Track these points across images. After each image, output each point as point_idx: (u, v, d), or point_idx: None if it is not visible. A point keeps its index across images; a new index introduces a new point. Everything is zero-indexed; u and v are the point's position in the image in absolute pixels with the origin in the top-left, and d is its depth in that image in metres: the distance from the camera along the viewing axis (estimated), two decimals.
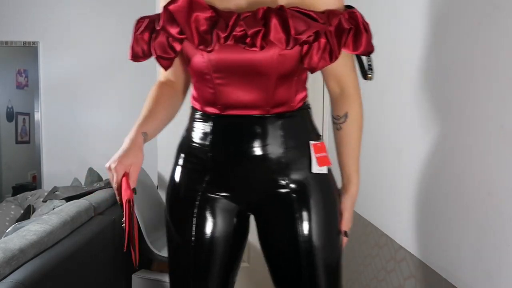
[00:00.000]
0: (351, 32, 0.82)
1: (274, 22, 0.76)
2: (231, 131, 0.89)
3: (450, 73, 1.08)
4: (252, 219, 0.99)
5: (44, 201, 1.95)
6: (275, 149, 0.87)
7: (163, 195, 2.40)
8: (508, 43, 0.85)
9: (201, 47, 0.79)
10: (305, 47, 0.81)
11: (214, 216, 0.92)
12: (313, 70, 0.85)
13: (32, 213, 2.13)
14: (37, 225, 1.28)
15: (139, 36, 0.90)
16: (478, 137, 0.95)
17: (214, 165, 0.90)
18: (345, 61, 0.89)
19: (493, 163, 0.90)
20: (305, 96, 0.94)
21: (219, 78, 0.85)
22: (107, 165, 0.89)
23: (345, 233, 0.99)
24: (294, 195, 0.90)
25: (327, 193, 0.93)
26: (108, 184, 2.10)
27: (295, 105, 0.90)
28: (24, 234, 1.20)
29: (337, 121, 0.94)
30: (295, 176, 0.89)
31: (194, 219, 0.91)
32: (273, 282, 0.96)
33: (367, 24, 0.85)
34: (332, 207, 0.95)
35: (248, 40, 0.76)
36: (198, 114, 0.95)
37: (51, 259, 1.18)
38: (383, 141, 1.56)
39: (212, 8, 0.79)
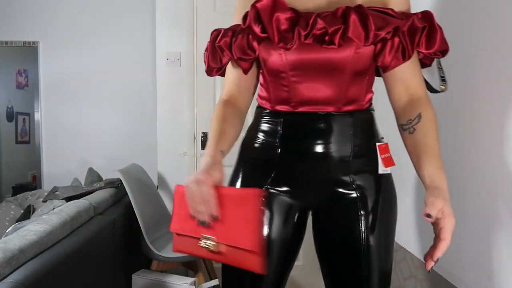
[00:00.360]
0: (424, 31, 0.84)
1: (353, 18, 0.80)
2: (301, 127, 0.90)
3: (450, 73, 1.08)
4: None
5: (44, 201, 1.95)
6: (343, 147, 0.88)
7: (163, 195, 2.40)
8: (508, 43, 0.85)
9: (281, 44, 0.84)
10: (379, 46, 0.84)
11: (277, 214, 0.91)
12: (385, 69, 0.87)
13: (32, 213, 2.13)
14: (37, 225, 1.28)
15: (217, 45, 0.95)
16: (478, 137, 0.95)
17: (281, 161, 0.91)
18: (413, 64, 0.88)
19: (493, 163, 0.90)
20: (372, 97, 0.96)
21: (295, 76, 0.88)
22: (190, 180, 0.81)
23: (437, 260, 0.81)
24: (358, 194, 0.90)
25: (390, 195, 0.93)
26: (108, 184, 2.10)
27: (364, 104, 0.92)
28: (24, 234, 1.20)
29: (409, 125, 0.88)
30: (360, 175, 0.90)
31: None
32: (326, 281, 0.96)
33: (438, 27, 0.86)
34: (394, 210, 0.95)
35: (327, 38, 0.81)
36: (266, 113, 0.96)
37: (51, 259, 1.18)
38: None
39: (292, 9, 0.84)
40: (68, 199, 1.83)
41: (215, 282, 1.87)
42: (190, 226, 0.79)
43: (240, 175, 0.97)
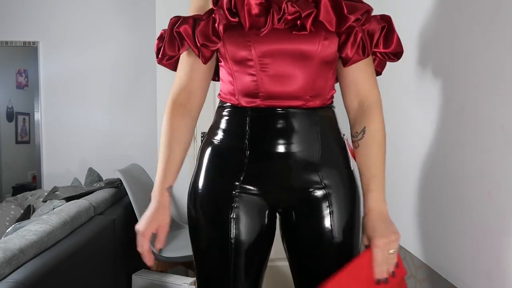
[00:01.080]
0: (383, 31, 0.87)
1: (325, 2, 0.79)
2: (269, 126, 0.88)
3: (450, 73, 1.08)
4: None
5: (44, 201, 1.95)
6: (311, 146, 0.88)
7: None
8: (508, 42, 0.85)
9: (253, 30, 0.81)
10: (343, 37, 0.84)
11: (249, 216, 0.90)
12: (346, 63, 0.87)
13: (32, 213, 2.13)
14: (37, 225, 1.28)
15: (176, 31, 0.89)
16: (478, 137, 0.95)
17: (250, 163, 0.88)
18: (366, 68, 0.89)
19: (493, 163, 0.90)
20: (333, 95, 0.95)
21: (263, 65, 0.85)
22: (137, 228, 0.93)
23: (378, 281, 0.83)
24: (326, 191, 0.89)
25: (355, 191, 0.93)
26: (108, 184, 2.10)
27: (327, 100, 0.92)
28: (24, 234, 1.20)
29: (355, 139, 0.91)
30: (328, 173, 0.89)
31: (233, 220, 0.89)
32: (295, 278, 0.97)
33: (394, 29, 0.89)
34: (359, 206, 0.94)
35: (299, 22, 0.79)
36: (231, 111, 0.93)
37: (51, 259, 1.18)
38: None
39: None
40: (68, 199, 1.83)
41: None
42: None
43: (205, 181, 0.95)
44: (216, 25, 0.83)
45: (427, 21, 1.20)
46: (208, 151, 0.96)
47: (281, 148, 0.87)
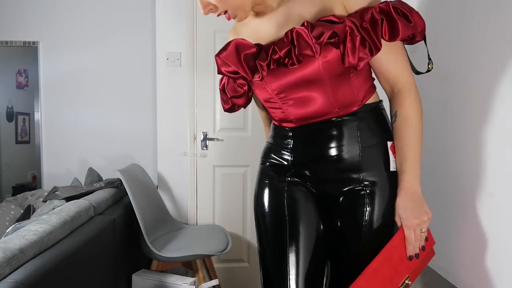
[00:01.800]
0: (384, 22, 0.85)
1: (297, 34, 0.86)
2: (308, 137, 1.00)
3: (450, 73, 1.07)
4: None
5: (44, 201, 1.95)
6: (351, 149, 0.95)
7: (163, 195, 2.40)
8: (508, 42, 0.85)
9: (254, 78, 0.93)
10: (341, 48, 0.86)
11: (299, 196, 1.03)
12: (355, 68, 0.88)
13: (32, 213, 2.13)
14: (37, 225, 1.28)
15: (220, 89, 1.12)
16: (478, 137, 0.95)
17: (294, 165, 1.03)
18: (386, 57, 0.91)
19: (493, 163, 0.90)
20: (373, 96, 0.99)
21: (282, 99, 0.99)
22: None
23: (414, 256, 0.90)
24: (367, 191, 0.95)
25: (395, 192, 0.94)
26: (108, 184, 2.10)
27: (361, 102, 0.96)
28: (24, 234, 1.20)
29: (392, 123, 0.96)
30: (368, 174, 0.95)
31: (285, 200, 1.03)
32: (330, 266, 1.04)
33: (405, 10, 0.86)
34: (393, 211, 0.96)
35: (286, 60, 0.88)
36: (277, 128, 1.09)
37: (51, 259, 1.18)
38: None
39: (257, 45, 0.94)
40: (68, 199, 1.83)
41: (215, 282, 1.87)
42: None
43: (265, 174, 1.10)
44: (233, 80, 1.04)
45: (427, 21, 1.20)
46: (265, 155, 1.14)
47: (319, 154, 0.98)
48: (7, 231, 1.35)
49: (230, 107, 1.13)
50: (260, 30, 0.98)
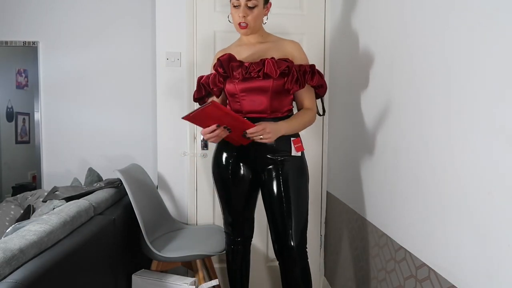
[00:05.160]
0: (309, 73, 1.62)
1: (267, 62, 1.57)
2: None
3: (450, 73, 1.08)
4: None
5: (44, 201, 1.95)
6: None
7: (163, 195, 2.40)
8: (508, 42, 0.85)
9: (235, 80, 1.63)
10: (285, 78, 1.59)
11: (240, 171, 1.74)
12: (290, 91, 1.63)
13: (32, 213, 2.13)
14: (37, 225, 1.28)
15: (201, 83, 1.75)
16: (478, 137, 0.95)
17: (238, 148, 1.68)
18: (305, 94, 1.68)
19: (493, 163, 0.90)
20: (289, 109, 1.70)
21: (242, 97, 1.66)
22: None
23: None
24: (280, 165, 1.65)
25: (300, 167, 1.68)
26: (108, 184, 2.10)
27: (283, 113, 1.68)
28: (24, 234, 1.20)
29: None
30: (281, 155, 1.65)
31: (230, 173, 1.74)
32: (267, 218, 1.70)
33: (320, 72, 1.67)
34: (301, 175, 1.67)
35: (254, 74, 1.58)
36: None
37: (51, 259, 1.18)
38: (383, 141, 1.56)
39: (239, 61, 1.63)
40: (68, 199, 1.83)
41: (215, 282, 1.87)
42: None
43: (219, 156, 1.77)
44: (217, 77, 1.68)
45: (427, 21, 1.20)
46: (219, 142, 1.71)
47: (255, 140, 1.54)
48: (7, 231, 1.35)
49: (201, 96, 1.77)
50: (241, 54, 1.68)
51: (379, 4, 1.57)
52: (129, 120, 2.74)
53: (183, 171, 2.43)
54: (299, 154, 1.64)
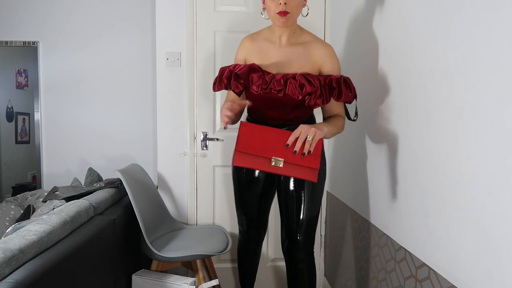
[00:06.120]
0: (336, 89, 1.49)
1: (290, 84, 1.47)
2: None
3: (450, 73, 1.08)
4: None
5: (44, 201, 1.95)
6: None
7: (163, 195, 2.40)
8: (508, 42, 0.85)
9: (253, 89, 1.53)
10: (307, 97, 1.47)
11: (257, 172, 1.75)
12: (312, 107, 1.56)
13: (32, 213, 2.13)
14: (37, 225, 1.28)
15: (222, 78, 1.58)
16: (478, 137, 0.95)
17: None
18: (336, 104, 1.59)
19: (493, 163, 0.90)
20: (311, 115, 1.68)
21: (261, 106, 1.59)
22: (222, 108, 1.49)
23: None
24: None
25: (320, 170, 1.55)
26: (108, 184, 2.10)
27: (304, 119, 1.63)
28: (24, 234, 1.20)
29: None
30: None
31: (247, 174, 1.76)
32: (280, 216, 1.72)
33: (350, 85, 1.51)
34: (320, 173, 1.59)
35: (275, 91, 1.49)
36: (251, 121, 1.68)
37: (51, 259, 1.18)
38: (383, 141, 1.56)
39: (261, 70, 1.53)
40: (68, 199, 1.83)
41: (215, 282, 1.87)
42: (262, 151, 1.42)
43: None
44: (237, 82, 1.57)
45: (427, 20, 1.20)
46: None
47: None
48: (7, 231, 1.35)
49: (219, 89, 1.62)
50: (267, 56, 1.56)
51: (379, 4, 1.57)
52: (129, 120, 2.74)
53: (183, 171, 2.43)
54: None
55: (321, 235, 2.51)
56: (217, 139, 2.44)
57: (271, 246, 2.48)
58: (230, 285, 2.50)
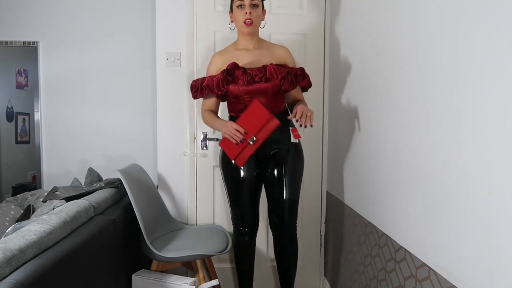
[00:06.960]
0: (300, 76, 1.93)
1: (269, 68, 1.86)
2: None
3: (450, 73, 1.08)
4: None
5: (44, 201, 1.95)
6: (274, 132, 1.81)
7: (163, 195, 2.40)
8: (508, 42, 0.85)
9: (239, 84, 1.87)
10: (282, 81, 1.88)
11: (247, 166, 1.95)
12: (286, 91, 1.95)
13: (32, 213, 2.13)
14: (37, 225, 1.28)
15: (204, 85, 1.95)
16: (478, 137, 0.95)
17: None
18: (297, 90, 2.00)
19: (493, 163, 0.90)
20: (284, 106, 2.00)
21: (246, 98, 1.89)
22: (225, 130, 1.85)
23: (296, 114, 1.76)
24: (283, 152, 1.93)
25: (298, 153, 1.97)
26: (108, 184, 2.10)
27: (281, 109, 1.96)
28: (24, 234, 1.20)
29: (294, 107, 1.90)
30: (283, 144, 1.93)
31: (238, 169, 1.96)
32: (267, 198, 1.99)
33: (306, 73, 1.97)
34: (299, 158, 1.97)
35: (258, 78, 1.85)
36: (233, 118, 1.95)
37: (51, 259, 1.18)
38: (383, 141, 1.56)
39: (243, 68, 1.87)
40: (68, 199, 1.83)
41: (215, 282, 1.87)
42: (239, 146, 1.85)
43: (225, 154, 1.95)
44: (222, 83, 1.90)
45: (427, 20, 1.20)
46: None
47: None
48: (7, 231, 1.35)
49: (199, 96, 1.99)
50: (240, 60, 1.90)
51: (379, 3, 1.57)
52: (129, 120, 2.74)
53: (183, 171, 2.43)
54: (297, 141, 1.94)
55: (321, 235, 2.51)
56: (217, 139, 2.44)
57: (271, 246, 2.48)
58: (230, 285, 2.50)
